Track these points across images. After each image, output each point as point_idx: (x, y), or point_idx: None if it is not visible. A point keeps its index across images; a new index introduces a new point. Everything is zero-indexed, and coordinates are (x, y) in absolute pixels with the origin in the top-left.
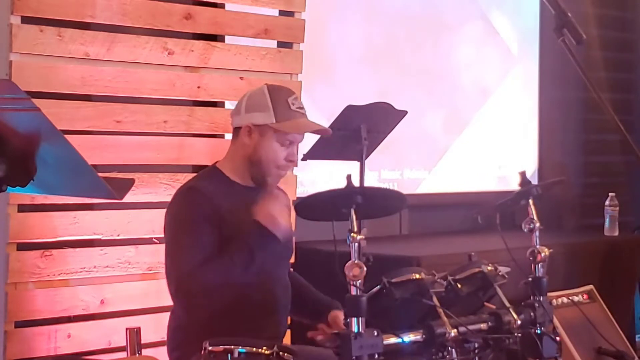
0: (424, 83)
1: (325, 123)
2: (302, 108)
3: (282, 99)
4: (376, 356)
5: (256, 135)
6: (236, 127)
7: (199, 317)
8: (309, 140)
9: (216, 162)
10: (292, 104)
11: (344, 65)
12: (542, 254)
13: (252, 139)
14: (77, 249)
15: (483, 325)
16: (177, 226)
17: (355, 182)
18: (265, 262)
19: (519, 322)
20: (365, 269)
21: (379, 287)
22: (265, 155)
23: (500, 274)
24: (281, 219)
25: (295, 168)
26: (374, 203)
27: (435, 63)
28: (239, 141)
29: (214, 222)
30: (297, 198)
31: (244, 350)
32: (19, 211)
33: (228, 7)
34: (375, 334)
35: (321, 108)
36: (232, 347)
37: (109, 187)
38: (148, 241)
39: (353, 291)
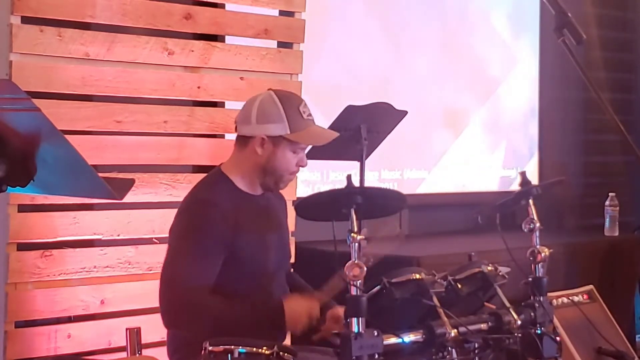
0: (424, 83)
1: (325, 121)
2: (311, 114)
3: (294, 108)
4: (376, 356)
5: (269, 146)
6: (244, 135)
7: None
8: None
9: (221, 165)
10: (303, 113)
11: (343, 65)
12: (542, 254)
13: (265, 150)
14: (77, 249)
15: (483, 326)
16: (182, 236)
17: (355, 182)
18: (267, 267)
19: (519, 322)
20: (365, 269)
21: (379, 287)
22: (280, 164)
23: (500, 274)
24: (301, 325)
25: None
26: (374, 203)
27: (435, 63)
28: (249, 150)
29: (225, 236)
30: (297, 198)
31: (244, 350)
32: (19, 211)
33: (228, 7)
34: (375, 334)
35: (320, 106)
36: (232, 347)
37: (109, 187)
38: (148, 241)
39: (353, 291)
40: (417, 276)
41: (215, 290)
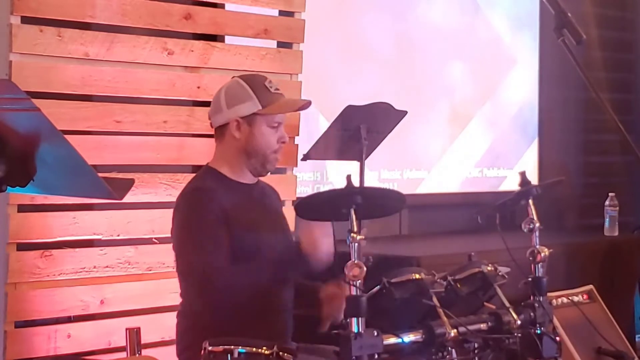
0: (424, 82)
1: (324, 121)
2: (279, 89)
3: (260, 84)
4: (376, 356)
5: (245, 126)
6: (220, 126)
7: (220, 314)
8: (309, 140)
9: (207, 164)
10: (270, 87)
11: (342, 66)
12: (542, 254)
13: (243, 132)
14: (77, 249)
15: (483, 325)
16: (192, 228)
17: (355, 182)
18: (267, 257)
19: (518, 322)
20: (365, 269)
21: (379, 287)
22: (259, 142)
23: (500, 274)
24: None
25: (295, 168)
26: (373, 203)
27: (436, 62)
28: (228, 137)
29: (222, 217)
30: (297, 198)
31: (243, 351)
32: (18, 211)
33: (228, 7)
34: (375, 334)
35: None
36: (232, 347)
37: (108, 187)
38: (148, 241)
39: (353, 291)
40: (417, 276)
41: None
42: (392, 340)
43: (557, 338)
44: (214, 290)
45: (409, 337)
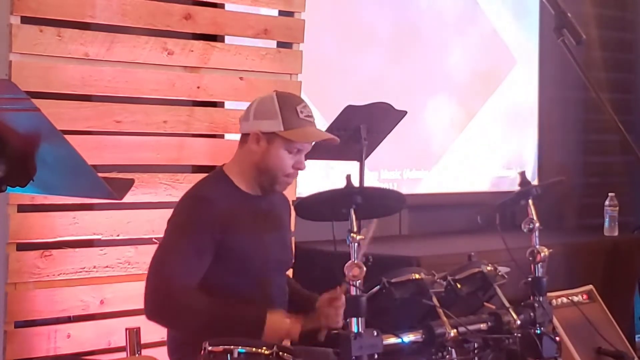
0: (424, 82)
1: (324, 121)
2: (311, 116)
3: (290, 107)
4: (376, 356)
5: (264, 142)
6: (244, 133)
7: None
8: None
9: (223, 165)
10: (300, 112)
11: (342, 66)
12: (542, 254)
13: (260, 147)
14: (77, 249)
15: (483, 326)
16: (175, 230)
17: (355, 182)
18: (264, 269)
19: (518, 322)
20: (365, 269)
21: (378, 287)
22: (273, 163)
23: (500, 274)
24: (278, 340)
25: None
26: (373, 203)
27: (435, 62)
28: (247, 147)
29: (214, 230)
30: (297, 198)
31: (243, 351)
32: (18, 211)
33: (228, 7)
34: (375, 334)
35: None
36: (232, 347)
37: (108, 187)
38: (148, 241)
39: (353, 291)
40: (417, 276)
41: (210, 291)
42: (392, 340)
43: (557, 338)
44: (162, 300)
45: (409, 337)
